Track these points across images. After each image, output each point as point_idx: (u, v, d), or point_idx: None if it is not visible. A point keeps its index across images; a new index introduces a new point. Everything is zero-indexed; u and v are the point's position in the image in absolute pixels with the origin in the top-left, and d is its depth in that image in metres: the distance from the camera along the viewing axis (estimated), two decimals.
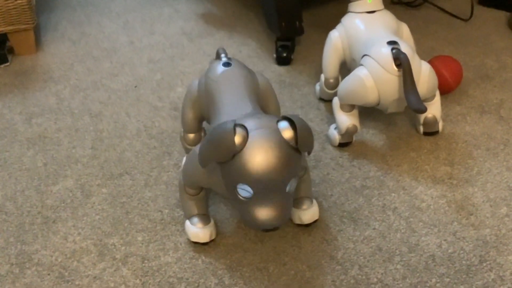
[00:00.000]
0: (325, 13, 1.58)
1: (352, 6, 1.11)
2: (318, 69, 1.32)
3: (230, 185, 0.75)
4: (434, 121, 1.07)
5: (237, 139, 0.72)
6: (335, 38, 1.12)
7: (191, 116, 0.96)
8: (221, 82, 0.88)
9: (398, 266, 0.85)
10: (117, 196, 1.00)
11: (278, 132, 0.73)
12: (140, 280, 0.84)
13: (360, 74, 0.99)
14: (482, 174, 1.01)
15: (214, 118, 0.87)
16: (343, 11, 1.15)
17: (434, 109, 1.06)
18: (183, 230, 0.92)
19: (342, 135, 1.07)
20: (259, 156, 0.71)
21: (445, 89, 1.19)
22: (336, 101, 1.06)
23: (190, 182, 0.86)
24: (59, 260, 0.88)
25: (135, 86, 1.30)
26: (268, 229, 0.74)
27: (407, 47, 0.98)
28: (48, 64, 1.40)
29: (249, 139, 0.72)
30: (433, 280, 0.83)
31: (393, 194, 0.98)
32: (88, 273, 0.86)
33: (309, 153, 0.79)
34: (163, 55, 1.42)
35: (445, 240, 0.89)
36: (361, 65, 1.01)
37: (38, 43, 1.49)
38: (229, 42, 1.46)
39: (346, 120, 1.05)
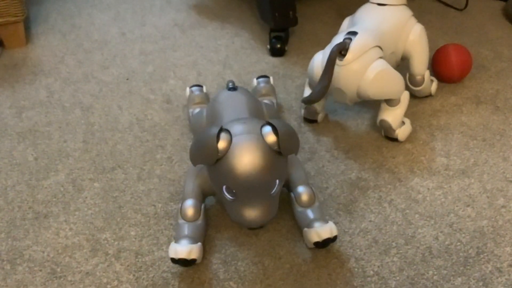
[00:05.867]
0: (319, 4, 1.57)
1: None
2: None
3: (216, 186, 0.80)
4: (388, 127, 1.03)
5: (221, 144, 0.77)
6: (345, 20, 1.14)
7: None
8: (225, 103, 0.94)
9: (395, 259, 0.84)
10: (109, 191, 0.98)
11: (260, 137, 0.77)
12: (134, 275, 0.83)
13: (316, 56, 1.03)
14: (479, 165, 1.00)
15: None
16: (337, 3, 1.14)
17: (391, 115, 1.02)
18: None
19: (304, 109, 1.10)
20: (241, 161, 0.76)
21: (451, 79, 1.19)
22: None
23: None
24: (51, 255, 0.87)
25: (127, 79, 1.29)
26: (254, 228, 0.80)
27: (362, 40, 0.97)
28: (38, 57, 1.38)
29: (233, 144, 0.77)
30: (430, 272, 0.82)
31: (389, 186, 0.97)
32: (81, 269, 0.85)
33: (295, 154, 0.83)
34: (155, 47, 1.40)
35: (441, 232, 0.88)
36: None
37: (28, 35, 1.47)
38: (221, 33, 1.45)
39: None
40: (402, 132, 1.05)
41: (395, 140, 1.06)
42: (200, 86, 1.14)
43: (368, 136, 1.09)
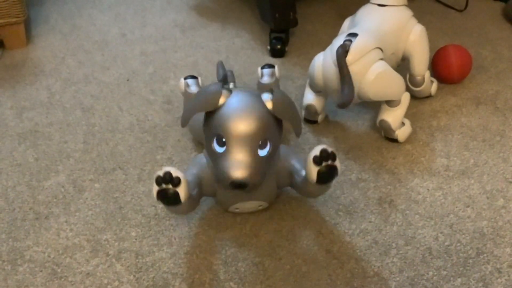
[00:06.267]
0: (319, 5, 1.57)
1: None
2: None
3: (208, 137, 0.82)
4: (388, 127, 1.03)
5: (222, 98, 0.82)
6: (346, 20, 1.14)
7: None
8: None
9: (395, 259, 0.84)
10: (110, 191, 0.98)
11: (259, 98, 0.82)
12: (134, 276, 0.83)
13: (316, 57, 1.03)
14: (479, 166, 1.01)
15: None
16: (337, 3, 1.14)
17: (391, 115, 1.02)
18: (177, 225, 0.91)
19: (305, 110, 1.11)
20: (236, 109, 0.80)
21: (451, 79, 1.19)
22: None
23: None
24: (52, 256, 0.87)
25: (127, 79, 1.29)
26: (236, 184, 0.79)
27: (362, 42, 0.97)
28: (39, 57, 1.38)
29: (232, 96, 0.82)
30: (430, 273, 0.82)
31: (389, 187, 0.97)
32: (81, 270, 0.85)
33: (297, 134, 0.86)
34: (155, 48, 1.40)
35: (441, 232, 0.88)
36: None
37: (28, 36, 1.47)
38: (222, 34, 1.45)
39: (309, 98, 1.09)
40: (402, 133, 1.05)
41: (395, 141, 1.06)
42: (195, 78, 1.11)
43: (368, 137, 1.09)
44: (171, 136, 1.11)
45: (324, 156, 0.79)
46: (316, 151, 0.80)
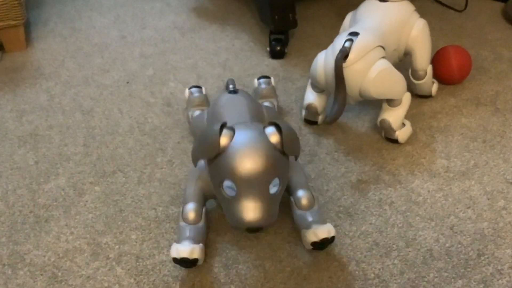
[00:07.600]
0: (319, 6, 1.57)
1: None
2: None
3: (216, 182, 0.78)
4: (389, 126, 1.03)
5: (224, 140, 0.77)
6: (347, 16, 1.14)
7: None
8: (226, 106, 0.94)
9: (396, 261, 0.84)
10: (110, 194, 0.98)
11: (263, 134, 0.78)
12: (135, 279, 0.83)
13: (318, 56, 1.03)
14: (479, 167, 1.01)
15: None
16: (337, 4, 1.14)
17: (392, 115, 1.02)
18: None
19: (305, 110, 1.11)
20: (242, 153, 0.75)
21: (451, 80, 1.19)
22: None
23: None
24: (52, 260, 0.87)
25: (127, 82, 1.29)
26: (251, 228, 0.77)
27: (363, 41, 0.97)
28: (39, 60, 1.38)
29: (235, 138, 0.77)
30: (431, 275, 0.82)
31: (389, 188, 0.97)
32: (82, 273, 0.85)
33: (296, 157, 0.83)
34: (155, 50, 1.40)
35: (442, 234, 0.88)
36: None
37: (28, 39, 1.47)
38: (221, 36, 1.45)
39: (310, 97, 1.09)
40: (402, 134, 1.05)
41: (395, 141, 1.06)
42: (199, 87, 1.14)
43: (368, 138, 1.09)
44: (171, 138, 1.10)
45: (325, 243, 0.83)
46: (317, 236, 0.82)
